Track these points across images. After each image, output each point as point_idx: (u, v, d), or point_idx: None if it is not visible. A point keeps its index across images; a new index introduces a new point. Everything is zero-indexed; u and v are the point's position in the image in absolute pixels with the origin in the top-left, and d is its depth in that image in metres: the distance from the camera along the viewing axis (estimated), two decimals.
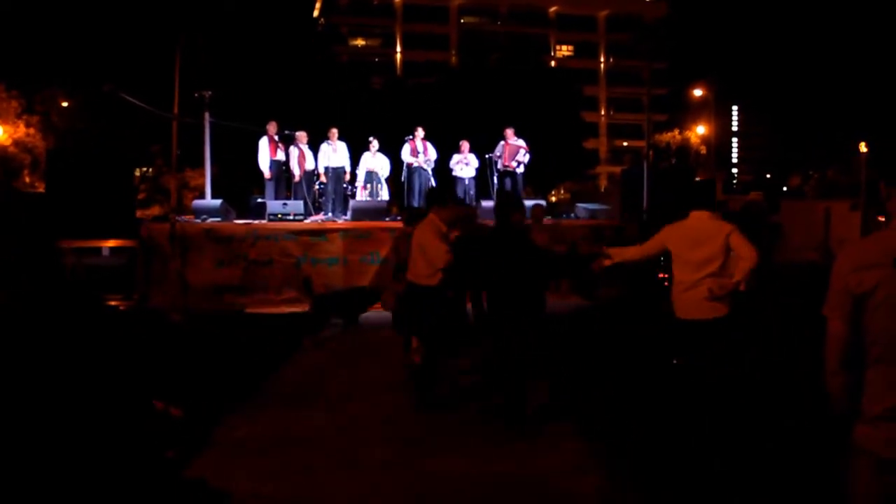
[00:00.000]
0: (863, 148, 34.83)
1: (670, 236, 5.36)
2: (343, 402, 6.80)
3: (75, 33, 32.64)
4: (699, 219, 5.21)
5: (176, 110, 14.00)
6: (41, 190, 23.89)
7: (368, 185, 15.40)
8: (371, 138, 15.50)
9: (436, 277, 6.46)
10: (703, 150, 52.36)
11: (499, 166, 15.72)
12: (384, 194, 15.62)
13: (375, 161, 15.43)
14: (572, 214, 16.99)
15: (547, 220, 13.54)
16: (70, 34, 32.60)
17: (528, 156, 15.77)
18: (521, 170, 15.76)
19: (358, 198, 15.06)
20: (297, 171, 14.77)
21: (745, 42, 64.27)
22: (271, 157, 14.59)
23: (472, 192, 15.82)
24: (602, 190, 47.87)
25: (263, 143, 14.61)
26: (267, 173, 14.58)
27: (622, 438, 5.62)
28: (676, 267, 5.31)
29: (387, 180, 15.85)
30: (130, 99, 16.24)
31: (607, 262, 5.70)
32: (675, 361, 5.63)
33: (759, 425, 5.59)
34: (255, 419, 6.21)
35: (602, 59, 74.36)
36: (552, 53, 69.52)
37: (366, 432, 5.92)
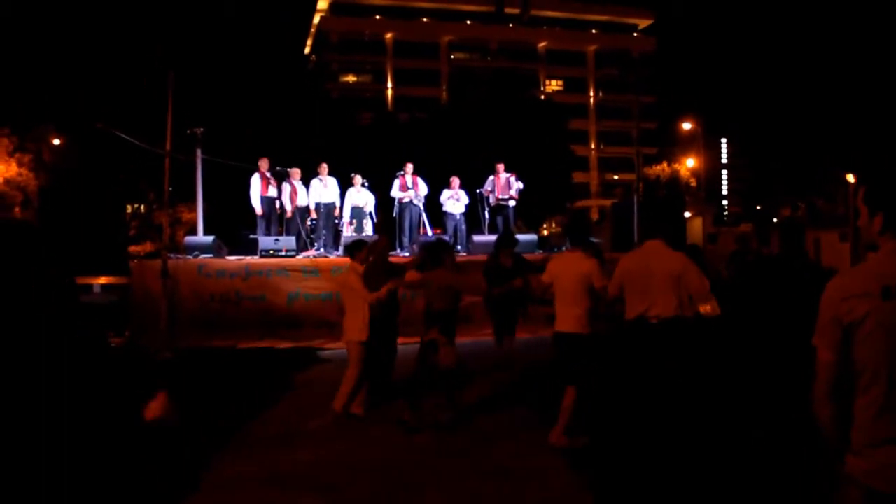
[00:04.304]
0: (850, 178, 35.11)
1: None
2: (331, 439, 6.72)
3: (67, 70, 32.82)
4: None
5: (168, 147, 14.04)
6: None
7: (354, 221, 15.40)
8: (353, 174, 15.52)
9: None
10: (693, 182, 52.72)
11: (490, 201, 15.75)
12: (369, 229, 15.62)
13: (360, 196, 15.44)
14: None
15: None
16: (62, 71, 32.77)
17: (521, 182, 15.83)
18: (512, 203, 15.83)
19: (345, 234, 15.05)
20: (289, 207, 14.80)
21: (733, 75, 65.12)
22: (262, 193, 14.61)
23: (462, 227, 15.82)
24: (594, 223, 48.03)
25: (255, 179, 14.64)
26: (258, 209, 14.59)
27: (613, 468, 5.55)
28: None
29: (372, 215, 15.86)
30: (123, 135, 16.32)
31: None
32: None
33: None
34: (244, 457, 6.14)
35: (591, 94, 75.13)
36: (542, 88, 70.16)
37: (354, 469, 5.84)
